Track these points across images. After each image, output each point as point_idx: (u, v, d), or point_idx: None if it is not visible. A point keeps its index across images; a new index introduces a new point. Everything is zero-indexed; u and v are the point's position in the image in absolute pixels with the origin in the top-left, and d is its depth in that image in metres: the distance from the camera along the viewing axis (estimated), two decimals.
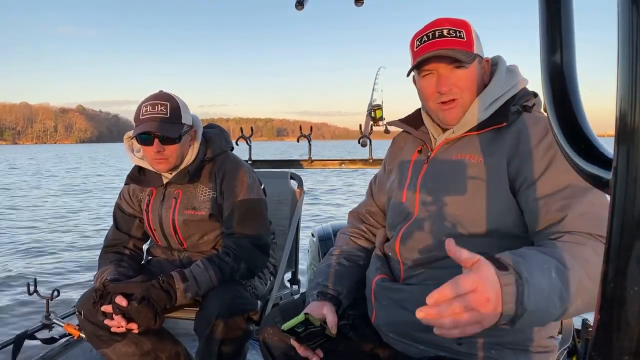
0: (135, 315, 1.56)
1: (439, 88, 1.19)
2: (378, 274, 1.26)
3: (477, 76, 1.21)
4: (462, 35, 1.18)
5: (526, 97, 1.21)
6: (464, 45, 1.17)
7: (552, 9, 0.40)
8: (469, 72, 1.19)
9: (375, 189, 1.49)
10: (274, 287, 2.03)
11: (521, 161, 1.10)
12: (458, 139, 1.22)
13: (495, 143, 1.15)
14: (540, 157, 1.08)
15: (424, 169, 1.25)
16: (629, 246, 0.30)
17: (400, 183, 1.31)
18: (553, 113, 0.40)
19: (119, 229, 1.94)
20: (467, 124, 1.19)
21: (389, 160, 1.46)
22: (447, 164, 1.20)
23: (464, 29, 1.19)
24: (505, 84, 1.21)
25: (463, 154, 1.18)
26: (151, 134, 1.69)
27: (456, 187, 1.15)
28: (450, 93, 1.19)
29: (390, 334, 1.21)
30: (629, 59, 0.30)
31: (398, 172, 1.35)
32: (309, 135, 2.80)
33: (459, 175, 1.16)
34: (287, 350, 1.27)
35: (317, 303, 1.29)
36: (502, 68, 1.24)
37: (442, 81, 1.18)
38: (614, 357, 0.31)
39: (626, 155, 0.30)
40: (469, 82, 1.19)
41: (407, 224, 1.23)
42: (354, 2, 1.92)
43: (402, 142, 1.42)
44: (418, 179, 1.25)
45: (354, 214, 1.55)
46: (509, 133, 1.14)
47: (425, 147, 1.30)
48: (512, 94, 1.20)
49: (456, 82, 1.18)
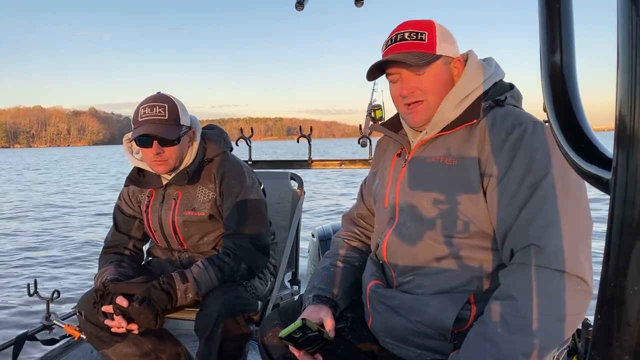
0: (135, 316, 1.56)
1: (400, 92, 1.20)
2: (373, 280, 1.27)
3: (443, 77, 1.20)
4: (422, 38, 1.17)
5: (500, 90, 1.20)
6: (423, 48, 1.17)
7: (551, 9, 0.40)
8: (432, 74, 1.18)
9: (365, 192, 1.49)
10: (274, 288, 2.03)
11: (488, 159, 1.10)
12: (432, 139, 1.21)
13: (468, 141, 1.14)
14: (505, 155, 1.07)
15: (402, 173, 1.25)
16: (628, 246, 0.30)
17: (382, 188, 1.32)
18: (553, 113, 0.40)
19: (119, 230, 1.94)
20: (437, 124, 1.19)
21: (374, 163, 1.47)
22: (423, 167, 1.20)
23: (427, 30, 1.18)
24: (474, 80, 1.19)
25: (437, 156, 1.18)
26: (150, 136, 1.69)
27: (432, 191, 1.15)
28: (412, 96, 1.19)
29: (386, 338, 1.22)
30: (628, 59, 0.30)
31: (381, 177, 1.36)
32: (308, 135, 2.80)
33: (434, 178, 1.16)
34: (286, 352, 1.27)
35: (314, 307, 1.28)
36: (470, 65, 1.22)
37: (403, 85, 1.20)
38: (614, 356, 0.31)
39: (626, 155, 0.30)
40: (431, 84, 1.18)
41: (391, 230, 1.24)
42: (354, 2, 1.92)
43: (385, 145, 1.43)
44: (397, 185, 1.25)
45: (346, 218, 1.55)
46: (479, 130, 1.14)
47: (403, 151, 1.30)
48: (483, 90, 1.18)
49: (418, 85, 1.19)
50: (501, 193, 1.06)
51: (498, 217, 1.06)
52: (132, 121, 1.75)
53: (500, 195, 1.06)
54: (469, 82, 1.19)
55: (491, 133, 1.11)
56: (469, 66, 1.21)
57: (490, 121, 1.13)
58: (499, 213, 1.06)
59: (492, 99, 1.17)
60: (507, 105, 1.17)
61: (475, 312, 1.09)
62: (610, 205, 0.32)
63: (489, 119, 1.14)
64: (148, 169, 1.83)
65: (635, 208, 0.30)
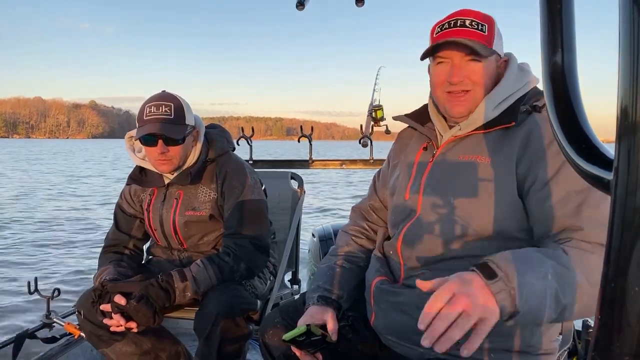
0: (134, 313, 1.56)
1: (450, 78, 1.16)
2: (377, 276, 1.26)
3: (491, 73, 1.18)
4: (484, 29, 1.15)
5: (536, 96, 1.18)
6: (484, 39, 1.14)
7: (553, 9, 0.40)
8: (484, 67, 1.16)
9: (379, 185, 1.46)
10: (274, 287, 2.03)
11: (531, 162, 1.07)
12: (464, 137, 1.19)
13: (504, 143, 1.13)
14: (551, 158, 1.05)
15: (429, 168, 1.23)
16: (629, 246, 0.30)
17: (404, 181, 1.29)
18: (554, 113, 0.40)
19: (120, 229, 1.94)
20: (474, 122, 1.17)
21: (393, 155, 1.43)
22: (453, 164, 1.18)
23: (487, 24, 1.16)
24: (515, 83, 1.18)
25: (469, 155, 1.16)
26: (155, 135, 1.68)
27: (461, 188, 1.14)
28: (461, 84, 1.16)
29: (389, 336, 1.21)
30: (630, 59, 0.30)
31: (402, 169, 1.33)
32: (309, 135, 2.80)
33: (465, 176, 1.15)
34: (286, 351, 1.27)
35: (318, 308, 1.28)
36: (513, 66, 1.21)
37: (455, 71, 1.16)
38: (615, 358, 0.31)
39: (627, 155, 0.30)
40: (482, 76, 1.16)
41: (410, 222, 1.22)
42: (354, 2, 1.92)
43: (408, 139, 1.39)
44: (422, 178, 1.23)
45: (356, 210, 1.52)
46: (518, 133, 1.11)
47: (430, 145, 1.27)
48: (522, 93, 1.17)
49: (469, 74, 1.15)
50: (552, 193, 1.04)
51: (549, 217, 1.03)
52: (136, 119, 1.75)
53: (552, 195, 1.04)
54: (511, 84, 1.18)
55: (534, 137, 1.09)
56: (511, 68, 1.20)
57: (533, 125, 1.12)
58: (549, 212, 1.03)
59: (529, 103, 1.15)
60: (543, 111, 1.16)
61: None
62: (611, 205, 0.32)
63: (530, 123, 1.12)
64: (150, 167, 1.83)
65: (636, 208, 0.30)
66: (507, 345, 1.10)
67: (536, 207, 1.06)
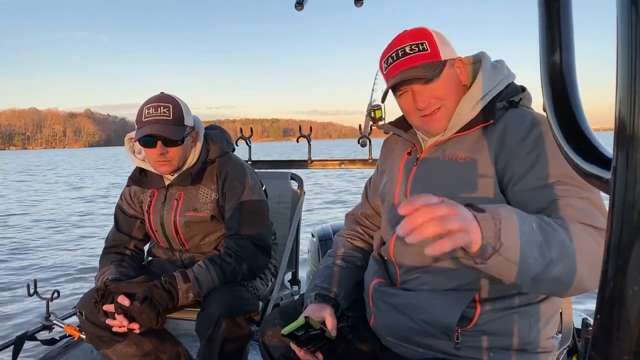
0: (137, 315, 1.56)
1: (417, 105, 1.19)
2: (375, 278, 1.26)
3: (454, 80, 1.20)
4: (425, 47, 1.17)
5: (512, 92, 1.20)
6: (429, 57, 1.16)
7: (551, 9, 0.40)
8: (443, 81, 1.18)
9: (370, 191, 1.48)
10: (275, 288, 2.03)
11: (508, 157, 1.09)
12: (446, 140, 1.21)
13: (483, 141, 1.15)
14: (526, 152, 1.07)
15: (414, 171, 1.25)
16: (628, 246, 0.30)
17: (392, 185, 1.31)
18: (552, 113, 0.40)
19: (120, 230, 1.94)
20: (454, 126, 1.19)
21: (381, 161, 1.46)
22: (436, 165, 1.20)
23: (426, 39, 1.17)
24: (490, 81, 1.19)
25: (451, 155, 1.18)
26: (154, 136, 1.69)
27: (445, 188, 1.15)
28: (429, 106, 1.18)
29: (388, 337, 1.21)
30: (628, 58, 0.30)
31: (389, 175, 1.35)
32: (308, 135, 2.80)
33: (448, 176, 1.16)
34: (286, 352, 1.27)
35: (316, 305, 1.29)
36: (486, 65, 1.22)
37: (418, 98, 1.18)
38: (614, 356, 0.31)
39: (626, 154, 0.30)
40: (445, 90, 1.18)
41: None
42: (353, 2, 1.92)
43: (393, 144, 1.42)
44: (408, 181, 1.25)
45: (350, 217, 1.55)
46: (496, 130, 1.14)
47: (414, 149, 1.30)
48: (498, 91, 1.18)
49: (432, 94, 1.18)
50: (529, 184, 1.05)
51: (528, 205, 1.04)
52: (135, 121, 1.75)
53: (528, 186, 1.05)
54: (485, 83, 1.19)
55: (509, 133, 1.11)
56: (485, 67, 1.21)
57: (508, 121, 1.13)
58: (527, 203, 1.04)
59: (506, 100, 1.17)
60: (520, 106, 1.18)
61: (479, 311, 1.09)
62: (610, 205, 0.32)
63: (506, 119, 1.14)
64: (150, 169, 1.83)
65: (635, 208, 0.30)
66: (504, 343, 1.10)
67: (515, 201, 1.07)
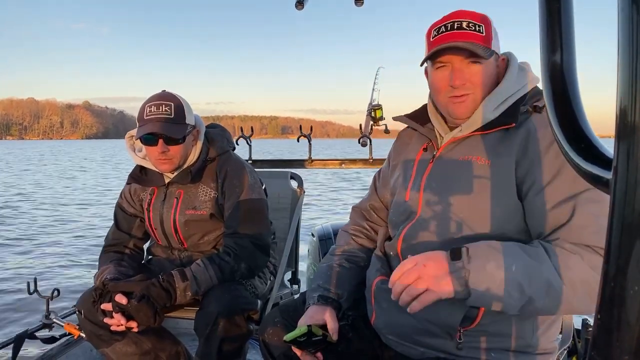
0: (134, 313, 1.56)
1: (452, 82, 1.15)
2: (378, 276, 1.25)
3: (491, 73, 1.17)
4: (481, 30, 1.14)
5: (536, 96, 1.17)
6: (482, 40, 1.13)
7: (552, 9, 0.40)
8: (484, 68, 1.15)
9: (379, 185, 1.45)
10: (274, 287, 2.03)
11: (530, 164, 1.07)
12: (465, 138, 1.19)
13: (504, 144, 1.12)
14: (550, 161, 1.05)
15: (429, 169, 1.23)
16: (629, 246, 0.30)
17: (404, 181, 1.29)
18: (553, 112, 0.40)
19: (120, 229, 1.94)
20: (474, 123, 1.17)
21: (393, 155, 1.42)
22: (453, 164, 1.18)
23: (484, 24, 1.15)
24: (515, 84, 1.17)
25: (470, 155, 1.16)
26: (156, 134, 1.69)
27: (461, 189, 1.13)
28: (463, 88, 1.15)
29: (389, 336, 1.21)
30: (629, 58, 0.30)
31: (402, 170, 1.33)
32: (309, 134, 2.80)
33: (465, 176, 1.14)
34: (287, 350, 1.27)
35: (318, 307, 1.28)
36: (513, 66, 1.20)
37: (456, 74, 1.15)
38: (614, 357, 0.31)
39: (626, 154, 0.30)
40: (483, 78, 1.15)
41: (410, 223, 1.22)
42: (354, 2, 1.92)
43: (408, 139, 1.39)
44: (422, 178, 1.23)
45: (356, 210, 1.52)
46: (518, 134, 1.11)
47: (430, 145, 1.27)
48: (522, 94, 1.17)
49: (470, 77, 1.15)
50: (549, 196, 1.04)
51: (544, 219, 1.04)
52: (137, 119, 1.75)
53: (549, 198, 1.04)
54: (512, 84, 1.17)
55: (533, 139, 1.09)
56: (512, 68, 1.19)
57: (532, 127, 1.11)
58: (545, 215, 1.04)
59: (529, 104, 1.14)
60: (543, 112, 1.15)
61: (483, 311, 1.08)
62: (610, 205, 0.31)
63: (530, 125, 1.12)
64: (151, 167, 1.83)
65: (635, 208, 0.30)
66: (506, 344, 1.10)
67: (533, 210, 1.06)
